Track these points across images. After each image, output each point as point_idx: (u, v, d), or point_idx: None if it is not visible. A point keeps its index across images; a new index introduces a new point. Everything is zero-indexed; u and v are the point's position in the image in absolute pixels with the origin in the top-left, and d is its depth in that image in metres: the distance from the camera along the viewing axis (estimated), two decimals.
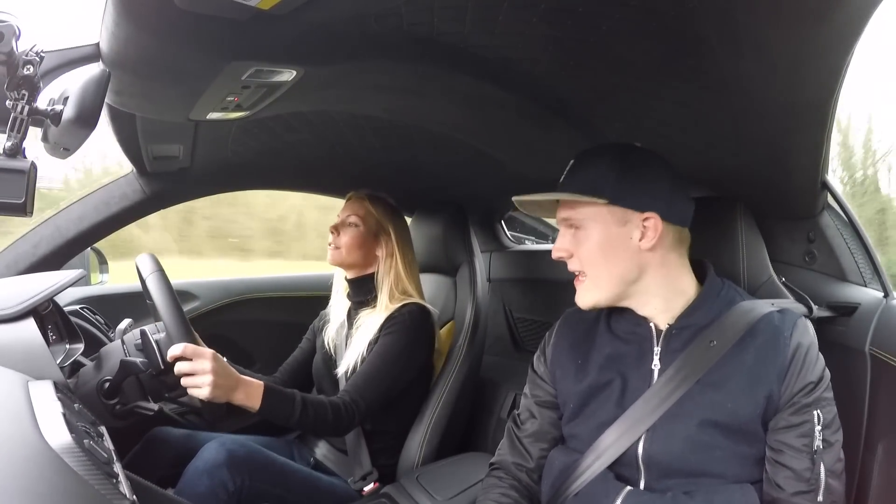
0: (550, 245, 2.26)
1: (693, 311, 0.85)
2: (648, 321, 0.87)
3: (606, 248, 0.84)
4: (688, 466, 0.79)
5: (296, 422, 1.07)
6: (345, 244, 1.35)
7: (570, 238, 0.86)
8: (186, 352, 0.95)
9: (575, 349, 0.93)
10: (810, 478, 0.77)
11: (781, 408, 0.79)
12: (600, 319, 0.94)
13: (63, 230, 1.28)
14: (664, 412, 0.80)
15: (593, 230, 0.84)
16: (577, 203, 0.85)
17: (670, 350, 0.84)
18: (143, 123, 1.08)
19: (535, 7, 0.71)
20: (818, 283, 1.12)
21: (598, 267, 0.85)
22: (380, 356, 1.25)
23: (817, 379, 0.80)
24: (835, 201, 1.12)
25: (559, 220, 0.89)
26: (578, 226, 0.85)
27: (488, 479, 0.96)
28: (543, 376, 0.97)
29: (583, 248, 0.85)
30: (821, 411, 0.78)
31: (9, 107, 0.67)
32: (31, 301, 0.92)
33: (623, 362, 0.87)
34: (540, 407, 0.96)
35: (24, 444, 0.56)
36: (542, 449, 0.94)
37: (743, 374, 0.80)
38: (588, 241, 0.85)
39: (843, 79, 0.77)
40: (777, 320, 0.83)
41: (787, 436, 0.78)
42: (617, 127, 1.09)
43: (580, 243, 0.85)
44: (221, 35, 0.71)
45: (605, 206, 0.83)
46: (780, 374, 0.79)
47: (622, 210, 0.83)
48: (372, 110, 1.16)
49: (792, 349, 0.80)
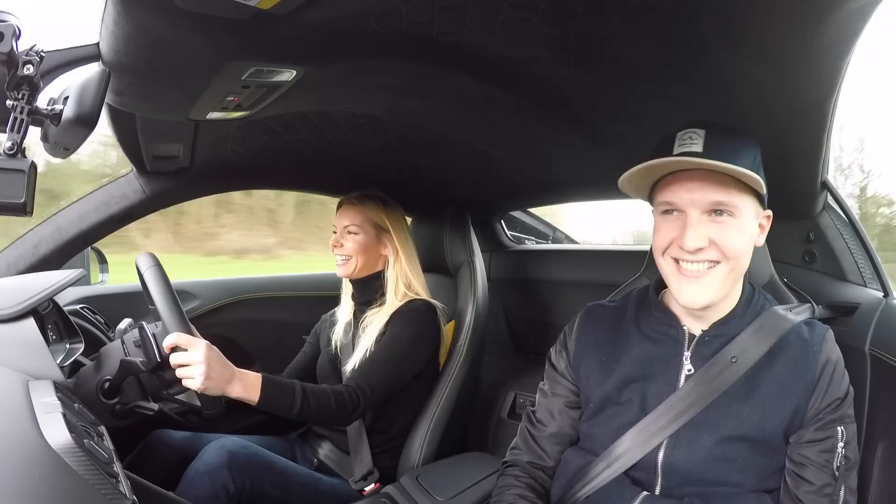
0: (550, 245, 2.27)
1: (728, 320, 0.83)
2: (682, 324, 0.84)
3: (748, 241, 0.78)
4: (707, 476, 0.78)
5: (297, 412, 1.07)
6: (351, 252, 1.36)
7: (713, 224, 0.76)
8: (180, 341, 0.95)
9: (599, 346, 0.90)
10: (831, 494, 0.76)
11: (807, 423, 0.78)
12: (626, 316, 0.90)
13: (63, 230, 1.28)
14: (688, 420, 0.78)
15: (746, 219, 0.76)
16: (733, 185, 0.74)
17: (700, 356, 0.82)
18: (143, 123, 1.08)
19: (535, 7, 0.71)
20: (818, 283, 1.12)
21: (738, 261, 0.77)
22: (386, 347, 1.26)
23: (843, 395, 0.79)
24: (835, 201, 1.12)
25: (700, 201, 0.75)
26: (731, 213, 0.75)
27: (503, 477, 0.94)
28: (565, 373, 0.93)
29: (729, 238, 0.75)
30: (845, 428, 0.78)
31: (9, 107, 0.67)
32: (31, 301, 0.92)
33: (651, 364, 0.84)
34: (562, 406, 0.92)
35: (24, 444, 0.56)
36: (559, 451, 0.92)
37: (772, 387, 0.78)
38: (738, 230, 0.76)
39: (842, 79, 0.77)
40: (806, 333, 0.82)
41: (810, 450, 0.77)
42: (617, 127, 1.09)
43: (726, 232, 0.75)
44: (221, 35, 0.71)
45: (753, 195, 0.77)
46: (808, 388, 0.78)
47: (759, 204, 0.79)
48: (372, 110, 1.16)
49: (821, 364, 0.79)
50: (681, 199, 0.76)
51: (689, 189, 0.75)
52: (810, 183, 1.03)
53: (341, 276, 1.40)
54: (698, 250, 0.76)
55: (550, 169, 1.47)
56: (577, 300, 1.05)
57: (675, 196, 0.77)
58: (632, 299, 0.93)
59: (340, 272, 1.38)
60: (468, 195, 1.75)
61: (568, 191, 1.74)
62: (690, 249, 0.75)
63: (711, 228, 0.75)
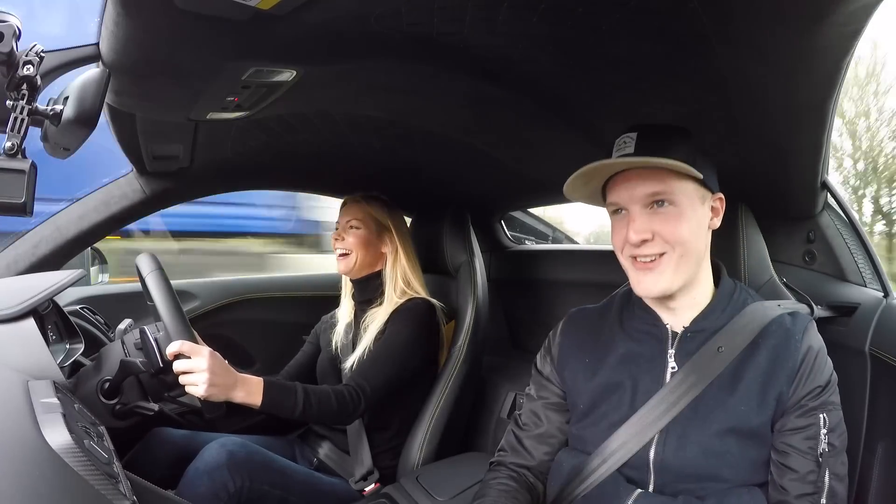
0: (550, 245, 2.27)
1: (708, 314, 0.84)
2: (664, 322, 0.86)
3: (694, 227, 0.80)
4: (699, 471, 0.79)
5: (300, 413, 1.07)
6: (352, 247, 1.36)
7: (655, 216, 0.79)
8: (184, 349, 0.95)
9: (583, 348, 0.92)
10: (815, 480, 0.77)
11: (788, 410, 0.79)
12: (610, 318, 0.92)
13: (63, 230, 1.28)
14: (677, 415, 0.80)
15: (686, 206, 0.79)
16: (667, 176, 0.78)
17: (684, 352, 0.83)
18: (143, 123, 1.08)
19: (535, 7, 0.71)
20: (818, 282, 1.12)
21: (685, 247, 0.80)
22: (386, 345, 1.26)
23: (825, 383, 0.80)
24: (835, 201, 1.12)
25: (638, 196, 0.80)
26: (671, 201, 0.79)
27: (488, 473, 0.96)
28: (550, 377, 0.95)
29: (670, 226, 0.79)
30: (827, 415, 0.78)
31: (9, 107, 0.67)
32: (31, 301, 0.92)
33: (636, 363, 0.86)
34: (547, 410, 0.94)
35: (23, 444, 0.56)
36: (545, 452, 0.93)
37: (756, 377, 0.79)
38: (680, 218, 0.79)
39: (842, 79, 0.77)
40: (788, 323, 0.83)
41: (792, 438, 0.78)
42: (617, 127, 1.09)
43: (667, 221, 0.79)
44: (221, 35, 0.71)
45: (694, 181, 0.79)
46: (790, 375, 0.79)
47: (703, 188, 0.81)
48: (372, 110, 1.16)
49: (803, 352, 0.80)
50: (621, 198, 0.81)
51: (627, 187, 0.80)
52: (810, 183, 1.03)
53: (341, 271, 1.40)
54: (643, 242, 0.80)
55: (550, 169, 1.47)
56: (577, 300, 1.05)
57: (617, 196, 0.82)
58: (616, 300, 0.95)
59: (340, 267, 1.39)
60: (468, 195, 1.75)
61: None
62: (635, 242, 0.79)
63: (654, 220, 0.79)
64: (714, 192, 0.83)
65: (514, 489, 0.90)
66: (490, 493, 0.90)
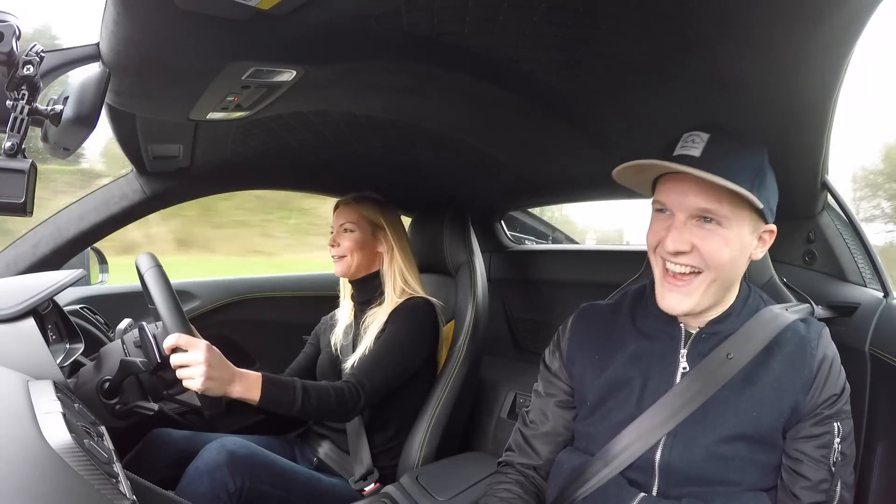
0: (550, 245, 2.27)
1: (725, 318, 0.83)
2: (679, 321, 0.84)
3: (736, 253, 0.76)
4: (705, 475, 0.78)
5: (298, 408, 1.07)
6: (347, 250, 1.36)
7: (699, 230, 0.75)
8: (181, 342, 0.95)
9: (593, 345, 0.90)
10: (828, 490, 0.77)
11: (804, 418, 0.78)
12: (621, 315, 0.91)
13: (63, 230, 1.28)
14: (686, 418, 0.79)
15: (734, 232, 0.75)
16: (724, 197, 0.73)
17: (697, 353, 0.82)
18: (143, 123, 1.08)
19: (535, 7, 0.71)
20: (818, 283, 1.12)
21: (720, 271, 0.76)
22: (385, 343, 1.26)
23: (840, 391, 0.79)
24: (835, 201, 1.12)
25: (688, 205, 0.75)
26: (720, 223, 0.75)
27: (496, 475, 0.95)
28: (558, 373, 0.94)
29: (712, 247, 0.75)
30: (841, 424, 0.78)
31: (9, 107, 0.67)
32: (31, 301, 0.92)
33: (647, 361, 0.84)
34: (555, 407, 0.93)
35: (24, 444, 0.56)
36: (551, 451, 0.92)
37: (769, 383, 0.79)
38: (723, 241, 0.75)
39: (842, 79, 0.77)
40: (803, 330, 0.82)
41: (806, 446, 0.78)
42: (617, 127, 1.09)
43: (710, 239, 0.75)
44: (221, 35, 0.71)
45: (751, 209, 0.75)
46: (805, 384, 0.78)
47: (758, 218, 0.77)
48: (372, 110, 1.16)
49: (818, 360, 0.79)
50: (670, 201, 0.77)
51: (679, 192, 0.76)
52: (810, 183, 1.03)
53: (339, 274, 1.40)
54: (679, 254, 0.76)
55: (550, 169, 1.47)
56: (577, 300, 1.05)
57: (667, 197, 0.78)
58: (628, 297, 0.93)
59: (338, 270, 1.39)
60: (468, 195, 1.75)
61: (568, 191, 1.74)
62: (671, 251, 0.76)
63: (697, 234, 0.76)
64: (768, 222, 0.79)
65: (517, 496, 0.89)
66: (492, 502, 0.89)
